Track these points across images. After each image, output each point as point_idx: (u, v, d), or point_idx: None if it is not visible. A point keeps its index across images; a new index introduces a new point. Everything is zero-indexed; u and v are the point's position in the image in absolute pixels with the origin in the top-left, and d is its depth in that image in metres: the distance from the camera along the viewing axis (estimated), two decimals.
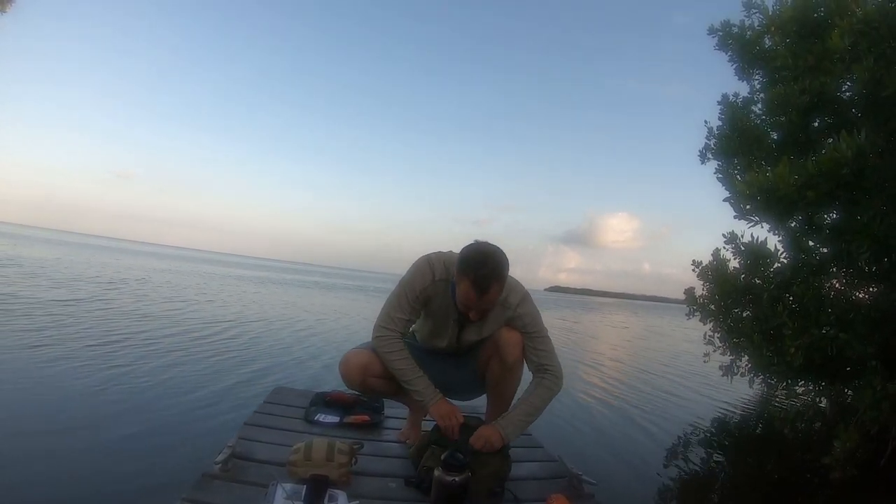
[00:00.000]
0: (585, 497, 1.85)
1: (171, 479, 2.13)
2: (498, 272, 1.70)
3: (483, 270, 1.67)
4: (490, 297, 1.71)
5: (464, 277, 1.70)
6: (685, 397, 5.72)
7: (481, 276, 1.67)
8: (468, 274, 1.69)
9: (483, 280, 1.67)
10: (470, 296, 1.70)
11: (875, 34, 2.70)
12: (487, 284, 1.68)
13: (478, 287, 1.68)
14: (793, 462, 3.67)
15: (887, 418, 2.76)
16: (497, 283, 1.71)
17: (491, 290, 1.70)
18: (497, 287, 1.72)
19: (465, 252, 1.75)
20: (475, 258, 1.70)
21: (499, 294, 1.75)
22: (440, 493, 1.58)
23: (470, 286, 1.68)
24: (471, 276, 1.68)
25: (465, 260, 1.72)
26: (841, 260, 3.18)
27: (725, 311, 4.03)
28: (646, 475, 3.02)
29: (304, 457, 1.68)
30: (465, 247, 1.78)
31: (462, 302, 1.76)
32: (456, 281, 1.77)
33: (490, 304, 1.77)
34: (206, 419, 3.10)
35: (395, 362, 1.89)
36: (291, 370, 4.96)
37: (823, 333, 2.99)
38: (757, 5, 4.06)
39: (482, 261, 1.69)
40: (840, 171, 2.72)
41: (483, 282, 1.67)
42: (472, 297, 1.70)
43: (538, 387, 1.90)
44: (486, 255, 1.71)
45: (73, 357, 4.15)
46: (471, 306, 1.75)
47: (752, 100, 4.28)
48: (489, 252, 1.72)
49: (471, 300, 1.72)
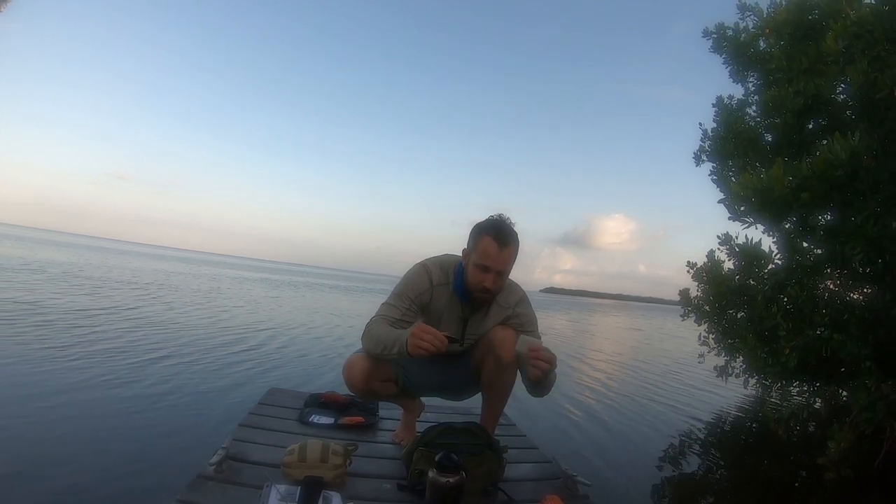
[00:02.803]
0: (580, 498, 1.85)
1: (165, 481, 2.12)
2: (515, 234, 1.85)
3: (504, 227, 1.84)
4: (507, 253, 1.82)
5: (484, 234, 1.82)
6: (685, 397, 5.74)
7: (502, 232, 1.82)
8: (489, 230, 1.82)
9: (504, 235, 1.81)
10: (491, 249, 1.80)
11: (869, 37, 2.72)
12: (507, 240, 1.81)
13: (499, 240, 1.80)
14: (787, 462, 3.68)
15: (882, 419, 2.78)
16: (514, 243, 1.84)
17: (510, 245, 1.82)
18: (513, 248, 1.84)
19: (484, 220, 1.89)
20: (495, 220, 1.87)
21: (513, 255, 1.85)
22: (435, 494, 1.57)
23: (492, 240, 1.80)
24: (492, 233, 1.81)
25: (486, 222, 1.87)
26: (835, 261, 3.20)
27: (720, 313, 4.04)
28: (640, 476, 3.02)
29: (298, 458, 1.68)
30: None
31: (479, 263, 1.82)
32: (470, 249, 1.87)
33: (505, 265, 1.84)
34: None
35: (373, 335, 1.82)
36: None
37: (818, 334, 3.00)
38: (751, 8, 4.09)
39: (501, 222, 1.86)
40: (834, 172, 2.73)
41: (504, 237, 1.81)
42: (493, 251, 1.79)
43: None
44: (504, 220, 1.88)
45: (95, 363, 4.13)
46: (489, 263, 1.81)
47: (746, 102, 4.31)
48: (506, 220, 1.88)
49: (491, 255, 1.80)
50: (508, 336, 1.90)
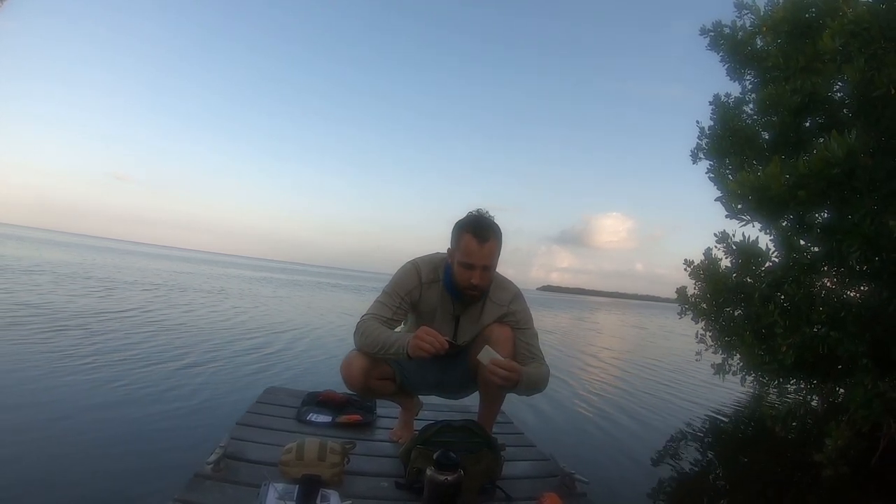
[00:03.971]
0: (578, 496, 1.85)
1: (163, 480, 2.11)
2: (495, 227, 1.87)
3: (484, 223, 1.85)
4: (489, 248, 1.83)
5: (464, 232, 1.84)
6: (684, 394, 5.75)
7: (482, 227, 1.83)
8: (468, 228, 1.83)
9: (483, 231, 1.82)
10: (471, 246, 1.80)
11: (866, 35, 2.72)
12: (487, 235, 1.82)
13: (479, 237, 1.81)
14: (784, 460, 3.69)
15: (878, 416, 2.78)
16: (494, 238, 1.84)
17: (490, 241, 1.82)
18: (494, 241, 1.84)
19: (464, 217, 1.90)
20: (473, 216, 1.89)
21: (496, 249, 1.86)
22: (433, 492, 1.57)
23: (472, 237, 1.81)
24: (471, 229, 1.83)
25: (465, 219, 1.88)
26: (832, 259, 3.20)
27: (717, 310, 4.05)
28: (638, 473, 3.03)
29: (296, 457, 1.68)
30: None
31: (463, 260, 1.82)
32: (453, 247, 1.88)
33: (489, 259, 1.84)
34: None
35: (370, 334, 1.84)
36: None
37: (815, 332, 3.01)
38: (748, 6, 4.08)
39: (481, 218, 1.87)
40: (831, 170, 2.73)
41: (484, 232, 1.82)
42: (473, 248, 1.80)
43: (534, 366, 1.92)
44: (482, 215, 1.89)
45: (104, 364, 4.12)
46: (471, 260, 1.81)
47: (743, 100, 4.31)
48: (485, 215, 1.90)
49: (472, 252, 1.81)
50: (505, 333, 1.92)
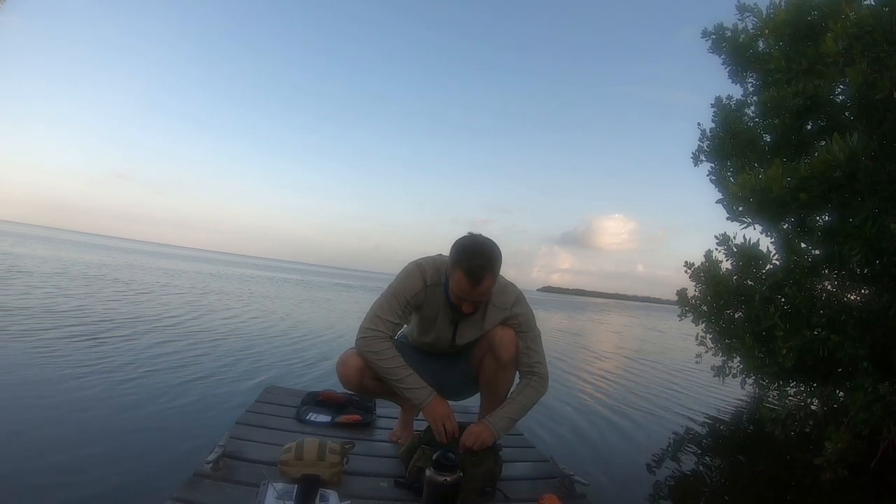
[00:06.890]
0: (577, 497, 1.85)
1: (162, 479, 2.11)
2: (492, 263, 1.71)
3: (478, 261, 1.69)
4: (483, 288, 1.72)
5: (457, 268, 1.71)
6: (686, 398, 5.74)
7: (476, 266, 1.68)
8: (462, 264, 1.69)
9: (477, 270, 1.68)
10: (463, 286, 1.71)
11: (868, 38, 2.72)
12: (481, 275, 1.69)
13: (472, 277, 1.68)
14: (784, 463, 3.68)
15: (878, 420, 2.78)
16: (490, 275, 1.72)
17: (484, 281, 1.71)
18: (490, 278, 1.72)
19: (460, 243, 1.75)
20: (469, 249, 1.71)
21: (492, 285, 1.76)
22: (432, 493, 1.57)
23: (463, 276, 1.69)
24: (464, 267, 1.69)
25: (460, 250, 1.72)
26: (833, 262, 3.20)
27: (717, 313, 4.04)
28: (637, 475, 3.02)
29: (295, 456, 1.68)
30: (458, 238, 1.78)
31: (455, 292, 1.76)
32: (449, 273, 1.77)
33: (483, 296, 1.77)
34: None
35: (381, 362, 1.82)
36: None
37: (815, 335, 3.00)
38: (750, 8, 4.08)
39: (476, 251, 1.70)
40: (832, 173, 2.73)
41: (477, 272, 1.68)
42: (466, 288, 1.71)
43: (526, 387, 1.92)
44: (480, 246, 1.72)
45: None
46: (464, 297, 1.75)
47: (745, 102, 4.31)
48: (483, 243, 1.73)
49: (464, 290, 1.72)
50: (508, 336, 1.90)
